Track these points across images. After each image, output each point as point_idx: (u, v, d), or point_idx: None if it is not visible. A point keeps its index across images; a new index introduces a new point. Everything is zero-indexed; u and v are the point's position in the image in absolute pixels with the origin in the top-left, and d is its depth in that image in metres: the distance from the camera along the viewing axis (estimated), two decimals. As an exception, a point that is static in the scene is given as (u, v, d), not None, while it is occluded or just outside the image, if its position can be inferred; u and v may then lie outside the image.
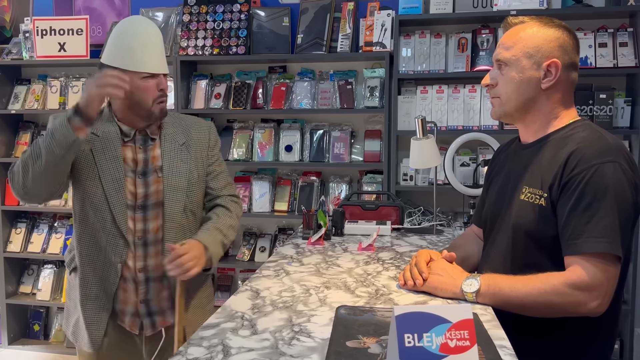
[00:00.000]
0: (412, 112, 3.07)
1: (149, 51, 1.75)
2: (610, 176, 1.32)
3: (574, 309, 1.33)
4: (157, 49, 1.78)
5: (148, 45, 1.75)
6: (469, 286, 1.39)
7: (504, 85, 1.49)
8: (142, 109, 1.76)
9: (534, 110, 1.49)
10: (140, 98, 1.74)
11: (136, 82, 1.71)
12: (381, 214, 2.45)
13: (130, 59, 1.72)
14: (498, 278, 1.39)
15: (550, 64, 1.44)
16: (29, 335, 3.91)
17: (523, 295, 1.34)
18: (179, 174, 1.84)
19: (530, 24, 1.48)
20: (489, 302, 1.38)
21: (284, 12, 3.35)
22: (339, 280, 1.62)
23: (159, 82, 1.77)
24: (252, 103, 3.36)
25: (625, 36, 2.92)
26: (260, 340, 1.19)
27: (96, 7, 3.75)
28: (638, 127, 2.83)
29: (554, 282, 1.32)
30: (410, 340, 0.95)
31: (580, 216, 1.32)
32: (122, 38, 1.74)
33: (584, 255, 1.31)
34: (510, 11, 2.87)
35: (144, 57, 1.73)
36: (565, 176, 1.37)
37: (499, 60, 1.50)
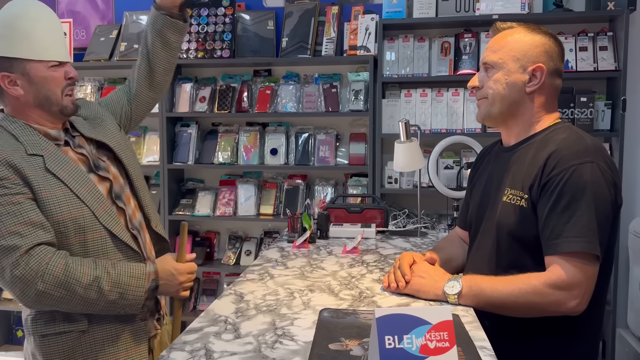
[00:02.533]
0: (396, 115, 3.09)
1: (52, 36, 1.51)
2: (588, 176, 1.35)
3: (554, 309, 1.35)
4: (61, 34, 1.56)
5: (52, 30, 1.52)
6: (450, 288, 1.42)
7: (489, 86, 1.52)
8: (52, 103, 1.51)
9: (518, 113, 1.52)
10: (48, 91, 1.50)
11: (43, 72, 1.48)
12: (366, 217, 2.46)
13: (34, 47, 1.46)
14: (479, 279, 1.42)
15: (535, 68, 1.47)
16: (13, 342, 3.87)
17: (504, 295, 1.37)
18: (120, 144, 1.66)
19: (518, 29, 1.51)
20: (471, 303, 1.40)
21: (269, 16, 3.36)
22: (323, 284, 1.63)
23: (67, 71, 1.53)
24: (237, 106, 3.36)
25: (605, 40, 2.97)
26: (243, 344, 1.19)
27: (80, 10, 3.73)
28: (618, 129, 2.88)
29: (534, 283, 1.35)
30: (390, 341, 0.96)
31: (559, 216, 1.35)
32: (17, 23, 1.47)
33: (562, 255, 1.34)
34: (492, 15, 2.90)
35: (49, 42, 1.49)
36: (544, 177, 1.39)
37: (486, 63, 1.53)
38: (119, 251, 1.51)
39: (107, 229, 1.49)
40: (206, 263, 3.49)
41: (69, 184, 1.46)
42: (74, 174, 1.49)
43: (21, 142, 1.46)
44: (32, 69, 1.47)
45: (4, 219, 1.37)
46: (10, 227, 1.37)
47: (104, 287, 1.40)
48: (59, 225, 1.44)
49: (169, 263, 1.56)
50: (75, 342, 1.48)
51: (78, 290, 1.38)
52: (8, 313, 3.86)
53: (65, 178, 1.46)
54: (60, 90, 1.52)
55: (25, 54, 1.46)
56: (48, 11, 1.55)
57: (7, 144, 1.44)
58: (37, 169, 1.44)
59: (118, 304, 1.44)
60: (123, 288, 1.43)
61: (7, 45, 1.45)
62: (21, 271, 1.35)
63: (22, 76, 1.47)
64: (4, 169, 1.39)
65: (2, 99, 1.52)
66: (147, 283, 1.47)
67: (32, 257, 1.36)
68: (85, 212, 1.46)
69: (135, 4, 3.60)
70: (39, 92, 1.49)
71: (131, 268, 1.47)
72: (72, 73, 1.55)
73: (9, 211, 1.38)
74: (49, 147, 1.49)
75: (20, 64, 1.46)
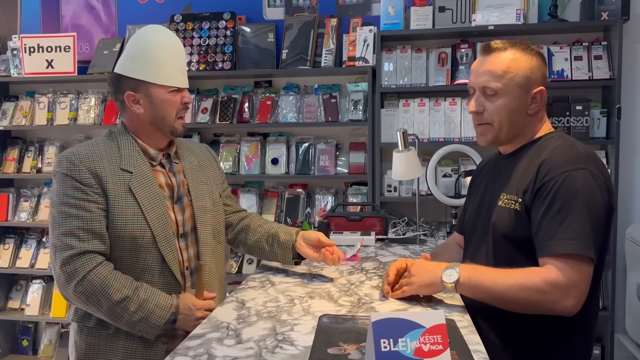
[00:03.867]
0: (394, 124, 3.14)
1: (177, 64, 1.67)
2: (581, 182, 1.39)
3: (550, 307, 1.36)
4: (183, 61, 1.72)
5: (176, 58, 1.67)
6: (448, 276, 1.42)
7: (495, 113, 1.54)
8: (165, 124, 1.67)
9: (521, 132, 1.58)
10: (164, 112, 1.66)
11: (163, 96, 1.65)
12: (366, 225, 2.50)
13: (159, 72, 1.63)
14: (479, 270, 1.42)
15: (537, 92, 1.52)
16: (18, 351, 3.91)
17: (504, 289, 1.37)
18: (204, 195, 1.77)
19: (514, 51, 1.53)
20: (469, 293, 1.42)
21: (269, 28, 3.42)
22: (322, 290, 1.66)
23: (184, 96, 1.69)
24: (239, 117, 3.41)
25: (600, 49, 3.02)
26: (245, 349, 1.23)
27: (83, 24, 3.80)
28: (614, 137, 2.92)
29: (534, 280, 1.36)
30: (386, 345, 1.00)
31: (552, 219, 1.38)
32: (148, 49, 1.63)
33: (557, 257, 1.36)
34: (488, 26, 2.96)
35: (173, 70, 1.65)
36: (537, 182, 1.44)
37: (486, 88, 1.54)
38: (162, 275, 1.63)
39: (161, 254, 1.61)
40: (209, 272, 3.53)
41: (142, 205, 1.60)
42: (151, 196, 1.63)
43: (121, 155, 1.64)
44: (154, 92, 1.64)
45: (71, 220, 1.56)
46: (73, 229, 1.55)
47: (130, 307, 1.54)
48: (118, 240, 1.59)
49: (188, 299, 1.64)
50: (104, 340, 1.62)
51: (105, 304, 1.53)
52: (13, 323, 3.90)
53: (141, 199, 1.61)
54: (175, 113, 1.68)
55: (151, 78, 1.63)
56: (176, 40, 1.71)
57: (106, 154, 1.63)
58: (121, 185, 1.60)
59: (137, 326, 1.56)
60: (146, 313, 1.55)
61: (137, 68, 1.63)
62: (67, 270, 1.53)
63: (145, 97, 1.65)
64: (90, 177, 1.58)
65: (123, 113, 1.71)
66: (168, 315, 1.58)
67: (80, 260, 1.53)
68: (146, 233, 1.60)
69: (138, 18, 3.66)
70: (156, 112, 1.66)
71: (159, 297, 1.58)
72: (187, 99, 1.70)
73: (79, 215, 1.56)
74: (143, 165, 1.66)
75: (145, 86, 1.64)
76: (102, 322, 1.62)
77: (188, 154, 1.81)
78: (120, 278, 1.56)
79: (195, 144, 1.94)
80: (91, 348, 1.63)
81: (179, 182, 1.73)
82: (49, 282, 3.79)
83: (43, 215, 3.71)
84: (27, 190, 3.80)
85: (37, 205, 3.76)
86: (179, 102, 1.68)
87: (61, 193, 1.58)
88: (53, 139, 3.80)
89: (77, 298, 1.55)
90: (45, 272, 3.71)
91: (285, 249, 1.85)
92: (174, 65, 1.66)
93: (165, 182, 1.70)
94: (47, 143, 3.78)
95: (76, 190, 1.57)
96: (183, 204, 1.72)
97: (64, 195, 1.58)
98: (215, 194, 1.83)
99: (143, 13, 3.67)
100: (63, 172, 1.59)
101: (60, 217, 1.57)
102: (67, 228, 1.56)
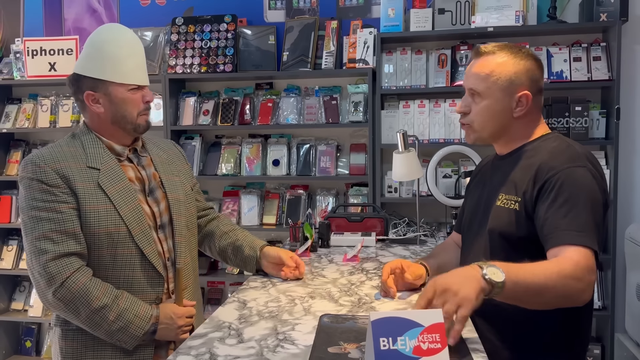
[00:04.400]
0: (395, 126, 3.16)
1: (135, 61, 1.66)
2: (582, 179, 1.42)
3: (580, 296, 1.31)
4: (142, 59, 1.69)
5: (134, 56, 1.66)
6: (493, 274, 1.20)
7: (478, 114, 1.58)
8: (127, 122, 1.66)
9: (507, 134, 1.60)
10: (125, 111, 1.64)
11: (123, 94, 1.63)
12: (366, 226, 2.52)
13: (117, 71, 1.61)
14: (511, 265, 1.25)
15: (522, 95, 1.54)
16: (21, 352, 3.93)
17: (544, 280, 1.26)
18: (177, 187, 1.77)
19: (502, 55, 1.55)
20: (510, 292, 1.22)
21: (270, 31, 3.44)
22: (323, 290, 1.68)
23: (145, 94, 1.68)
24: (240, 119, 3.43)
25: (599, 50, 3.03)
26: (246, 348, 1.25)
27: (86, 27, 3.82)
28: (613, 137, 2.93)
29: (568, 267, 1.29)
30: (385, 343, 1.02)
31: (558, 211, 1.39)
32: (105, 47, 1.62)
33: (569, 246, 1.34)
34: (487, 28, 2.98)
35: (131, 67, 1.64)
36: (539, 181, 1.46)
37: (472, 89, 1.58)
38: (143, 270, 1.62)
39: (139, 247, 1.60)
40: (211, 273, 3.56)
41: (114, 201, 1.58)
42: (122, 191, 1.61)
43: (86, 154, 1.62)
44: (113, 91, 1.63)
45: (43, 223, 1.53)
46: (46, 232, 1.52)
47: (109, 316, 1.52)
48: (94, 237, 1.57)
49: (169, 308, 1.63)
50: (90, 343, 1.60)
51: (84, 312, 1.52)
52: (17, 324, 3.92)
53: (112, 194, 1.59)
54: (136, 111, 1.66)
55: (109, 77, 1.61)
56: (133, 37, 1.69)
57: (71, 154, 1.62)
58: (89, 182, 1.58)
59: (115, 336, 1.55)
60: (125, 323, 1.53)
61: (95, 67, 1.61)
62: (45, 275, 1.51)
63: (105, 96, 1.63)
64: (57, 177, 1.55)
65: (84, 113, 1.70)
66: (148, 325, 1.56)
67: (57, 264, 1.51)
68: (121, 228, 1.58)
69: (140, 21, 3.68)
70: (117, 111, 1.64)
71: (139, 308, 1.57)
72: (149, 97, 1.69)
73: (50, 217, 1.53)
74: (110, 161, 1.64)
75: (103, 85, 1.62)
76: None
77: (155, 148, 1.81)
78: (100, 286, 1.53)
79: (161, 139, 1.92)
80: (77, 351, 1.61)
81: (149, 175, 1.72)
82: (52, 283, 3.81)
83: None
84: (30, 192, 3.82)
85: (40, 207, 3.77)
86: (139, 100, 1.67)
87: (29, 197, 1.55)
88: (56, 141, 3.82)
89: (56, 304, 1.53)
90: (48, 274, 3.73)
91: (248, 262, 1.88)
92: (132, 62, 1.64)
93: (135, 176, 1.69)
94: (49, 145, 3.80)
95: (44, 193, 1.54)
96: (156, 197, 1.70)
97: (32, 199, 1.55)
98: (187, 186, 1.83)
99: (145, 16, 3.70)
100: (29, 176, 1.56)
101: (31, 222, 1.54)
102: (40, 232, 1.52)
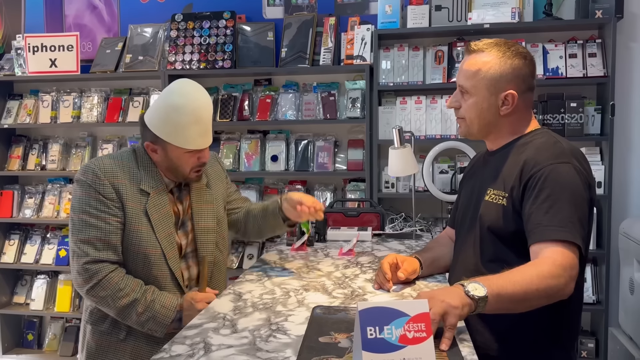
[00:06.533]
0: (392, 122, 3.19)
1: (198, 129, 1.71)
2: (565, 175, 1.45)
3: (562, 291, 1.35)
4: (207, 124, 1.74)
5: (198, 123, 1.71)
6: (475, 290, 1.27)
7: (466, 110, 1.62)
8: (179, 174, 1.77)
9: (496, 130, 1.63)
10: (179, 167, 1.75)
11: (179, 154, 1.72)
12: (363, 221, 2.56)
13: (178, 136, 1.69)
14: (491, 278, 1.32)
15: (507, 94, 1.56)
16: (23, 345, 3.98)
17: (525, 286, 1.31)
18: (207, 215, 1.86)
19: (490, 53, 1.57)
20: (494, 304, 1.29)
21: (269, 27, 3.47)
22: (317, 283, 1.72)
23: (201, 155, 1.76)
24: (239, 115, 3.46)
25: (595, 47, 3.06)
26: (240, 338, 1.28)
27: (86, 23, 3.85)
28: (608, 134, 2.96)
29: (545, 267, 1.34)
30: (372, 332, 1.06)
31: (540, 207, 1.43)
32: (172, 113, 1.68)
33: (548, 242, 1.39)
34: (483, 25, 3.00)
35: (193, 134, 1.70)
36: (524, 177, 1.49)
37: (461, 86, 1.62)
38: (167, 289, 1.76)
39: (171, 269, 1.75)
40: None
41: (154, 226, 1.72)
42: (163, 219, 1.75)
43: (140, 176, 1.75)
44: (170, 149, 1.72)
45: (90, 229, 1.67)
46: (91, 238, 1.67)
47: (138, 309, 1.67)
48: (132, 255, 1.72)
49: (189, 295, 1.75)
50: (114, 344, 1.76)
51: (115, 306, 1.67)
52: (19, 317, 3.97)
53: (154, 221, 1.72)
54: (189, 168, 1.76)
55: (168, 139, 1.70)
56: (202, 102, 1.73)
57: (129, 171, 1.74)
58: (138, 204, 1.72)
59: (146, 325, 1.69)
60: (153, 313, 1.68)
61: (159, 125, 1.70)
62: (83, 275, 1.67)
63: (162, 150, 1.73)
64: (112, 192, 1.70)
65: None
66: (173, 314, 1.70)
67: (95, 267, 1.67)
68: (158, 251, 1.73)
69: (139, 17, 3.72)
70: (171, 164, 1.75)
71: (165, 299, 1.71)
72: (204, 158, 1.78)
73: (98, 225, 1.68)
74: (160, 187, 1.77)
75: (163, 142, 1.72)
76: (115, 327, 1.75)
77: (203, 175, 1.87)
78: (131, 283, 1.69)
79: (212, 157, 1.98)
80: (101, 349, 1.77)
81: (184, 208, 1.83)
82: (54, 277, 3.86)
83: (47, 212, 3.77)
84: (32, 187, 3.87)
85: (41, 202, 3.82)
86: (195, 160, 1.76)
87: (83, 202, 1.69)
88: (57, 136, 3.86)
89: (91, 299, 1.71)
90: (49, 268, 3.78)
91: (275, 216, 1.96)
92: (194, 130, 1.70)
93: (172, 209, 1.80)
94: (51, 141, 3.84)
95: (98, 202, 1.68)
96: (186, 229, 1.83)
97: (86, 204, 1.69)
98: (220, 211, 1.93)
99: (145, 12, 3.72)
100: (88, 182, 1.70)
101: (79, 225, 1.68)
102: (86, 236, 1.67)
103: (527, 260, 1.44)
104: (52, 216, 3.76)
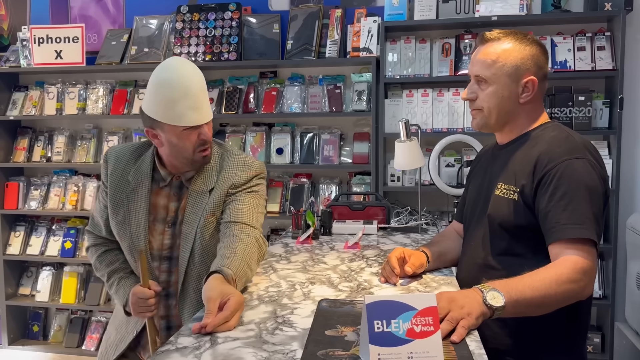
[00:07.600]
0: (398, 115, 3.17)
1: (188, 102, 1.64)
2: (581, 171, 1.43)
3: (580, 294, 1.37)
4: (199, 98, 1.67)
5: (188, 97, 1.64)
6: (492, 299, 1.28)
7: (485, 100, 1.60)
8: (184, 157, 1.71)
9: (512, 120, 1.61)
10: (180, 149, 1.69)
11: (176, 134, 1.67)
12: (368, 214, 2.54)
13: (169, 113, 1.64)
14: (510, 283, 1.32)
15: (528, 81, 1.55)
16: (29, 336, 4.00)
17: (544, 291, 1.32)
18: (191, 222, 1.74)
19: (507, 40, 1.57)
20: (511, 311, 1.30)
21: (274, 19, 3.45)
22: (323, 276, 1.71)
23: (200, 132, 1.69)
24: (244, 107, 3.45)
25: (603, 40, 3.03)
26: (246, 330, 1.28)
27: (92, 15, 3.84)
28: (616, 127, 2.93)
29: (564, 271, 1.34)
30: (379, 326, 1.05)
31: (557, 205, 1.42)
32: (160, 90, 1.64)
33: (568, 242, 1.38)
34: (491, 17, 2.97)
35: (182, 109, 1.64)
36: (538, 173, 1.47)
37: (478, 76, 1.60)
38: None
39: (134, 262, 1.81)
40: (215, 260, 3.59)
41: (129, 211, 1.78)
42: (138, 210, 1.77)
43: (135, 166, 1.80)
44: (167, 130, 1.68)
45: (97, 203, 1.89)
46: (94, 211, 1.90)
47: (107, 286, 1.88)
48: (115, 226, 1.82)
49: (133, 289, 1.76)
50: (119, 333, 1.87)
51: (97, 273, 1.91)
52: (24, 308, 3.99)
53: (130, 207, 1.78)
54: (192, 148, 1.71)
55: (161, 118, 1.66)
56: (190, 76, 1.66)
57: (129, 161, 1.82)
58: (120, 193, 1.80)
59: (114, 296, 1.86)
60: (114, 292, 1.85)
61: (150, 107, 1.68)
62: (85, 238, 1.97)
63: (162, 133, 1.70)
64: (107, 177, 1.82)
65: None
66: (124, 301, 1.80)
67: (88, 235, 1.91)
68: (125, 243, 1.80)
69: (145, 9, 3.70)
70: (172, 148, 1.71)
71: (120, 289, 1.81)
72: (204, 135, 1.71)
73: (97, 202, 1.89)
74: (145, 182, 1.78)
75: (158, 124, 1.68)
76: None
77: (213, 175, 1.78)
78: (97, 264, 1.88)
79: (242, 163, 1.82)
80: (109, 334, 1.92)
81: (179, 207, 1.77)
82: (59, 269, 3.87)
83: (53, 204, 3.78)
84: (37, 179, 3.87)
85: (47, 193, 3.82)
86: (194, 138, 1.69)
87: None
88: (62, 128, 3.86)
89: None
90: (55, 260, 3.79)
91: None
92: (184, 105, 1.64)
93: (163, 205, 1.78)
94: (56, 132, 3.84)
95: (101, 183, 1.87)
96: (176, 230, 1.76)
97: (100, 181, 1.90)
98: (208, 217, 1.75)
99: (150, 4, 3.71)
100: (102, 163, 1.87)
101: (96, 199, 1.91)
102: (94, 208, 1.93)
103: (536, 253, 1.43)
104: (58, 208, 3.76)
